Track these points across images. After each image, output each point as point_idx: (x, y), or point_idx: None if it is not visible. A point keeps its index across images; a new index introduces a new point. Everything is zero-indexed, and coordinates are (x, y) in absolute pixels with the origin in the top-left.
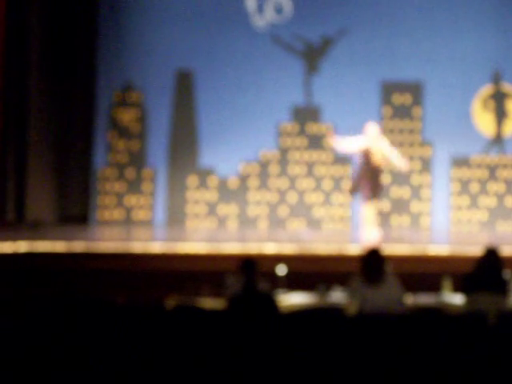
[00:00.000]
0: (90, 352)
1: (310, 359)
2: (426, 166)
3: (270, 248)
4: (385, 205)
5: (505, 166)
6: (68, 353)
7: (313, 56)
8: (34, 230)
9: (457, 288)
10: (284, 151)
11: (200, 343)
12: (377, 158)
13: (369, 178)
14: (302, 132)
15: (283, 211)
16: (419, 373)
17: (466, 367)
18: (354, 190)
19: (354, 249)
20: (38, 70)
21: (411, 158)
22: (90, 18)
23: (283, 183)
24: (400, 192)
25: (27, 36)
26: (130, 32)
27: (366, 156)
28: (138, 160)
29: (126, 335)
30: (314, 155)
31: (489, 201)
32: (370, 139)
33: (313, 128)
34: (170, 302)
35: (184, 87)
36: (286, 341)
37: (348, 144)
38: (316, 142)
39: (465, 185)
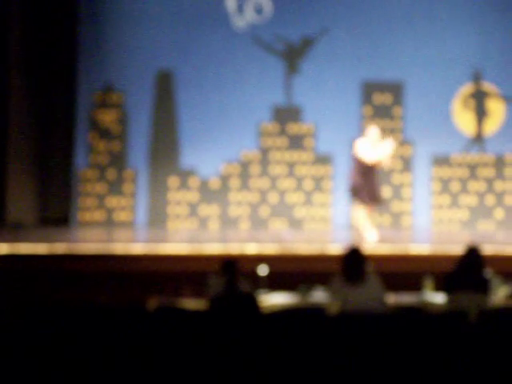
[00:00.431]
0: (72, 353)
1: (291, 359)
2: (407, 165)
3: (251, 248)
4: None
5: (485, 165)
6: (49, 354)
7: (293, 56)
8: (15, 231)
9: (438, 287)
10: (265, 151)
11: (182, 344)
12: (377, 161)
13: (373, 180)
14: (282, 132)
15: (264, 211)
16: (401, 372)
17: (447, 366)
18: (355, 193)
19: (336, 249)
20: (17, 71)
21: (392, 158)
22: (70, 19)
23: (264, 183)
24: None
25: (6, 37)
26: (110, 33)
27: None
28: (118, 161)
29: (108, 336)
30: (295, 155)
31: (469, 200)
32: (369, 142)
33: (294, 128)
34: (152, 303)
35: (164, 88)
36: (268, 341)
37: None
38: (297, 142)
39: (445, 184)
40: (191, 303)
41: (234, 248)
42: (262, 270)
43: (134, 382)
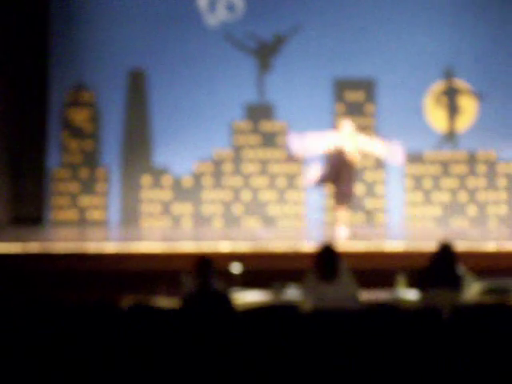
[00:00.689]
0: (45, 352)
1: (264, 357)
2: (380, 162)
3: (224, 246)
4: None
5: (458, 162)
6: (22, 353)
7: (265, 54)
8: None
9: (411, 284)
10: (237, 149)
11: (155, 342)
12: (352, 157)
13: (347, 179)
14: (255, 130)
15: (238, 209)
16: (374, 368)
17: (421, 362)
18: (320, 182)
19: (309, 246)
20: None
21: (364, 156)
22: (42, 17)
23: (237, 181)
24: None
25: None
26: (82, 31)
27: (341, 155)
28: (91, 160)
29: (81, 335)
30: (268, 153)
31: (442, 196)
32: (343, 137)
33: (266, 126)
34: (126, 302)
35: (137, 86)
36: (242, 339)
37: (311, 143)
38: (269, 140)
39: (418, 181)
40: (165, 302)
41: (208, 246)
42: (236, 268)
43: (107, 380)
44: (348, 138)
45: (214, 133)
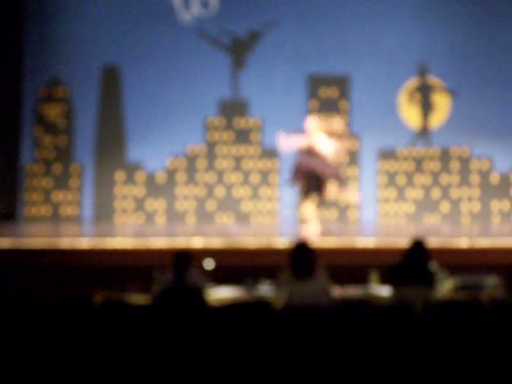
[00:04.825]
0: (17, 349)
1: (237, 353)
2: (353, 158)
3: (197, 242)
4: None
5: (431, 159)
6: None
7: (239, 50)
8: None
9: (384, 280)
10: (211, 145)
11: (127, 338)
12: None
13: (323, 164)
14: (229, 126)
15: (211, 205)
16: (346, 365)
17: (392, 358)
18: (294, 182)
19: (282, 242)
20: None
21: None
22: (16, 13)
23: (211, 177)
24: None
25: None
26: (56, 27)
27: (310, 151)
28: (65, 155)
29: (53, 331)
30: (242, 149)
31: (415, 193)
32: (310, 134)
33: (240, 122)
34: (98, 298)
35: (111, 82)
36: (214, 335)
37: (294, 142)
38: (243, 136)
39: (392, 177)
40: (138, 297)
41: (181, 242)
42: (209, 264)
43: (78, 377)
44: (313, 135)
45: (188, 129)
